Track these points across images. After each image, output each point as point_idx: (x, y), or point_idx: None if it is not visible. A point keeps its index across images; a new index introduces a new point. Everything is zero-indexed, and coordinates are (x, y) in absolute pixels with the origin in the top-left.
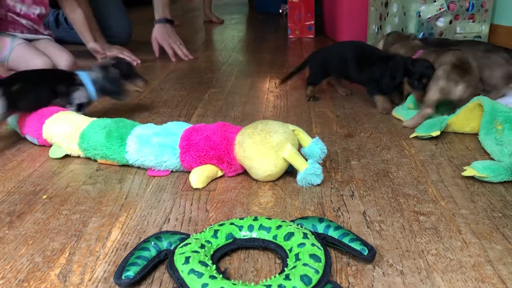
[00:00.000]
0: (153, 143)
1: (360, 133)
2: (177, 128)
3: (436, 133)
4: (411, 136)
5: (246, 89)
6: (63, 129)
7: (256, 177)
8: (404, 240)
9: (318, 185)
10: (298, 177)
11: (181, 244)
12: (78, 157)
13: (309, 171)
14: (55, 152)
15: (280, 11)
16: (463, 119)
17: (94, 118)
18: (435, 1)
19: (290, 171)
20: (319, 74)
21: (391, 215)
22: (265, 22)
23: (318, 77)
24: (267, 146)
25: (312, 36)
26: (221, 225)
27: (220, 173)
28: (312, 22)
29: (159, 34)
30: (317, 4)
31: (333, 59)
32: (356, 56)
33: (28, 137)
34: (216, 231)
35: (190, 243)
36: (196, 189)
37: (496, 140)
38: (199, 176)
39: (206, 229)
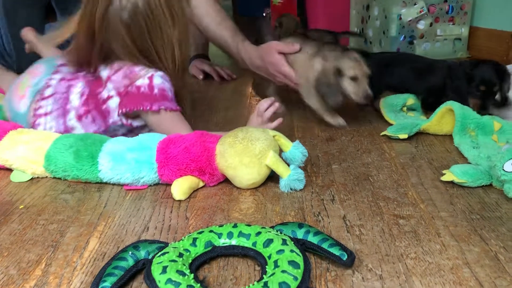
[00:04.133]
0: (128, 160)
1: (342, 137)
2: (151, 141)
3: (403, 136)
4: (382, 133)
5: (228, 93)
6: (22, 154)
7: (240, 185)
8: (384, 244)
9: (300, 190)
10: (281, 183)
11: (159, 253)
12: None
13: (292, 177)
14: (18, 177)
15: (264, 14)
16: (436, 125)
17: (56, 135)
18: (415, 4)
19: (271, 176)
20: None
21: (371, 219)
22: (248, 25)
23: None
24: (250, 155)
25: None
26: (200, 233)
27: (201, 184)
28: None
29: (198, 62)
30: (299, 8)
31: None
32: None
33: None
34: (194, 239)
35: (168, 252)
36: None
37: (472, 143)
38: (181, 187)
39: (184, 237)
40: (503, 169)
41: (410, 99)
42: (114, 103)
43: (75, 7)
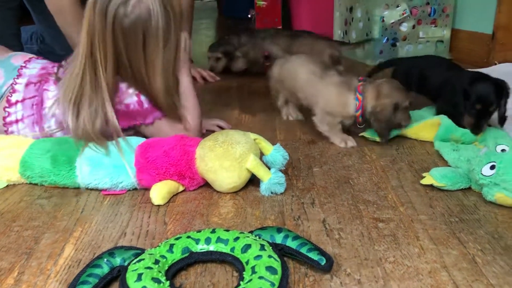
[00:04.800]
0: (106, 164)
1: (323, 139)
2: (129, 145)
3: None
4: (360, 134)
5: (212, 95)
6: None
7: (220, 189)
8: (363, 248)
9: (281, 193)
10: (262, 187)
11: (135, 260)
12: None
13: (272, 181)
14: None
15: (249, 15)
16: (416, 133)
17: (30, 140)
18: (398, 7)
19: (252, 179)
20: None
21: (351, 223)
22: (234, 27)
23: None
24: (230, 158)
25: None
26: (177, 239)
27: (181, 188)
28: (280, 27)
29: None
30: (284, 9)
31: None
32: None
33: None
34: (171, 246)
35: (143, 259)
36: None
37: (452, 146)
38: (160, 192)
39: (161, 243)
40: (481, 173)
41: None
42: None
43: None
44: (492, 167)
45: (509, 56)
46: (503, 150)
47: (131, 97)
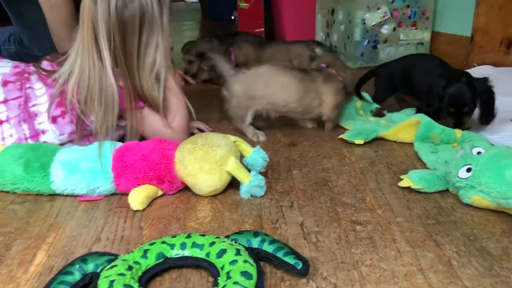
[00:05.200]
0: (82, 169)
1: (303, 142)
2: (107, 149)
3: (359, 141)
4: (339, 137)
5: (193, 97)
6: None
7: (200, 193)
8: (340, 252)
9: (260, 196)
10: (242, 189)
11: (107, 267)
12: None
13: (253, 183)
14: None
15: (232, 17)
16: (395, 134)
17: (1, 146)
18: (379, 9)
19: (232, 182)
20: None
21: (328, 225)
22: (217, 28)
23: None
24: (211, 161)
25: None
26: (151, 244)
27: (160, 192)
28: (262, 29)
29: None
30: (266, 11)
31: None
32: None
33: None
34: (146, 251)
35: (116, 265)
36: None
37: (431, 148)
38: (139, 197)
39: (135, 249)
40: (457, 176)
41: (358, 103)
42: None
43: (27, 9)
44: (468, 170)
45: (488, 58)
46: (479, 153)
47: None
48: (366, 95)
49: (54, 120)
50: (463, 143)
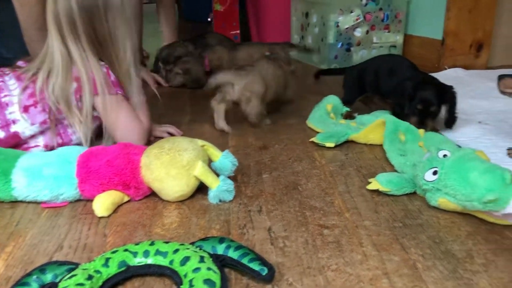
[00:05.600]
0: (45, 175)
1: (275, 145)
2: (71, 155)
3: (330, 144)
4: (310, 140)
5: (165, 99)
6: None
7: (167, 198)
8: (306, 256)
9: (229, 201)
10: (210, 194)
11: (66, 277)
12: None
13: (221, 188)
14: None
15: (209, 19)
16: (365, 137)
17: None
18: (352, 12)
19: (200, 187)
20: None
21: (296, 230)
22: (193, 30)
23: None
24: (177, 166)
25: None
26: (113, 252)
27: (126, 198)
28: (238, 31)
29: None
30: (242, 14)
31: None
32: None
33: None
34: (107, 259)
35: (76, 275)
36: None
37: (399, 151)
38: (104, 203)
39: (96, 257)
40: (424, 179)
41: (328, 105)
42: (73, 87)
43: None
44: (435, 173)
45: (458, 61)
46: (445, 156)
47: (102, 67)
48: (335, 98)
49: (26, 109)
50: (430, 146)
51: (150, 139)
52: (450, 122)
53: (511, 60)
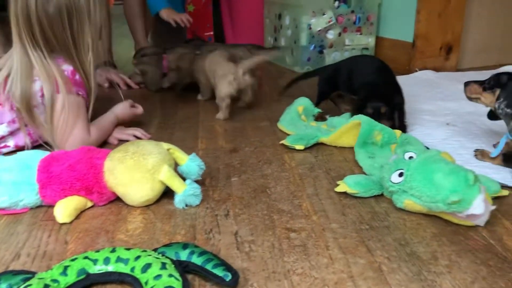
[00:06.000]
0: (4, 181)
1: (245, 148)
2: (31, 159)
3: (299, 147)
4: (280, 142)
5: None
6: None
7: (132, 203)
8: (272, 261)
9: (196, 205)
10: (176, 199)
11: (22, 286)
12: None
13: (187, 192)
14: None
15: None
16: (335, 140)
17: None
18: (324, 14)
19: (167, 191)
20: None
21: (263, 234)
22: (167, 32)
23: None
24: (142, 170)
25: None
26: (73, 260)
27: (90, 204)
28: (211, 32)
29: (104, 70)
30: (216, 15)
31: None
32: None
33: None
34: (66, 268)
35: (31, 285)
36: None
37: (368, 153)
38: (66, 209)
39: (54, 266)
40: (390, 181)
41: (300, 107)
42: (37, 86)
43: None
44: (401, 175)
45: (428, 63)
46: (411, 157)
47: (67, 66)
48: (306, 100)
49: None
50: (398, 147)
51: (115, 143)
52: (401, 129)
53: (479, 62)
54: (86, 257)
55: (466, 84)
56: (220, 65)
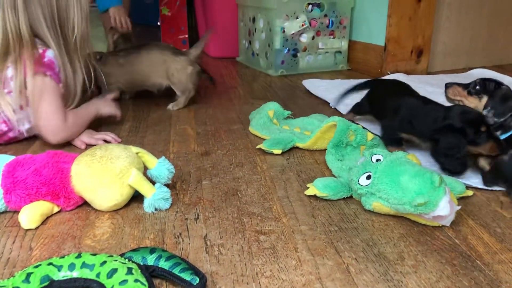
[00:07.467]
0: None
1: (217, 151)
2: None
3: (277, 151)
4: (257, 147)
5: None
6: None
7: (100, 208)
8: (241, 264)
9: (165, 209)
10: (145, 203)
11: None
12: None
13: (157, 196)
14: None
15: (158, 23)
16: (311, 145)
17: None
18: (297, 18)
19: (136, 196)
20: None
21: (232, 237)
22: (142, 35)
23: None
24: (110, 174)
25: None
26: (36, 266)
27: (56, 209)
28: (186, 36)
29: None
30: (191, 18)
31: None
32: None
33: None
34: (29, 275)
35: None
36: None
37: (337, 155)
38: (31, 215)
39: (17, 273)
40: (358, 183)
41: (270, 112)
42: (9, 72)
43: None
44: (368, 177)
45: (400, 66)
46: (378, 160)
47: (38, 47)
48: (275, 104)
49: None
50: (366, 150)
51: (83, 147)
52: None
53: (449, 65)
54: (50, 264)
55: (448, 85)
56: (172, 61)
